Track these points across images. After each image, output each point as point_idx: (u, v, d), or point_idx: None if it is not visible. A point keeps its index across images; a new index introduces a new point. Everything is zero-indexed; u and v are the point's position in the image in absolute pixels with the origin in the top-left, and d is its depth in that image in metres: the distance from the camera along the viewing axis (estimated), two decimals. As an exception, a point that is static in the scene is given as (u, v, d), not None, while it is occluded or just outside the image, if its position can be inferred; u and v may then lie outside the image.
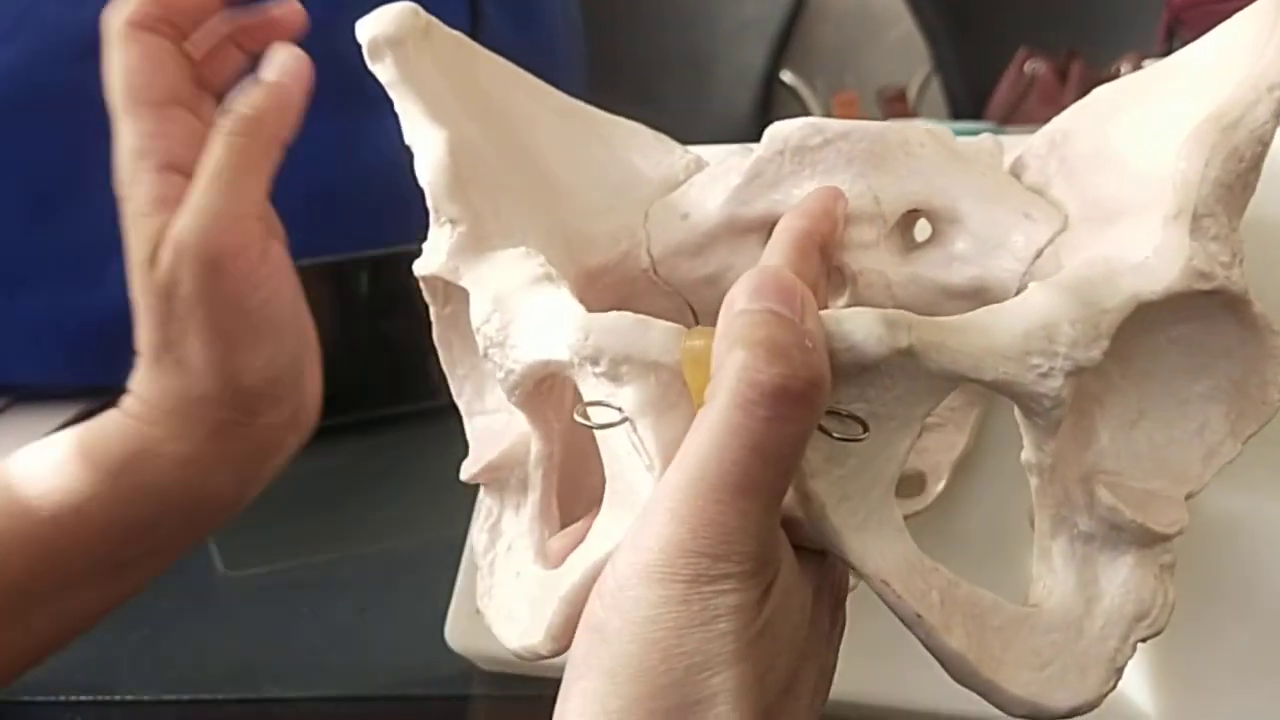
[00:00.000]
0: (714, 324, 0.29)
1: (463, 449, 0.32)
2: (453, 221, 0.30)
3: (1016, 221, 0.32)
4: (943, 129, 0.36)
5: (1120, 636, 0.25)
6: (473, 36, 0.35)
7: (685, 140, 0.36)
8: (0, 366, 0.66)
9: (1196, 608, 0.28)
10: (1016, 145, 0.35)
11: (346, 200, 0.68)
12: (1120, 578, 0.25)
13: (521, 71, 0.37)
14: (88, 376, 0.67)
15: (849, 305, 0.34)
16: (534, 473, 0.29)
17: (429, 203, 0.30)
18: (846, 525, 0.23)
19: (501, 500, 0.30)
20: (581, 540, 0.27)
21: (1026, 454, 0.25)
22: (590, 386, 0.25)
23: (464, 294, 0.30)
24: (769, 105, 1.66)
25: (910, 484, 0.35)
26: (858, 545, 0.23)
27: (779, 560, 0.22)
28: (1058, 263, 0.31)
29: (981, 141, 0.35)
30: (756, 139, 0.34)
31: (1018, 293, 0.32)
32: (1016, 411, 0.25)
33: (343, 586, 0.50)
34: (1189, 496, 0.26)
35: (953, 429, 0.36)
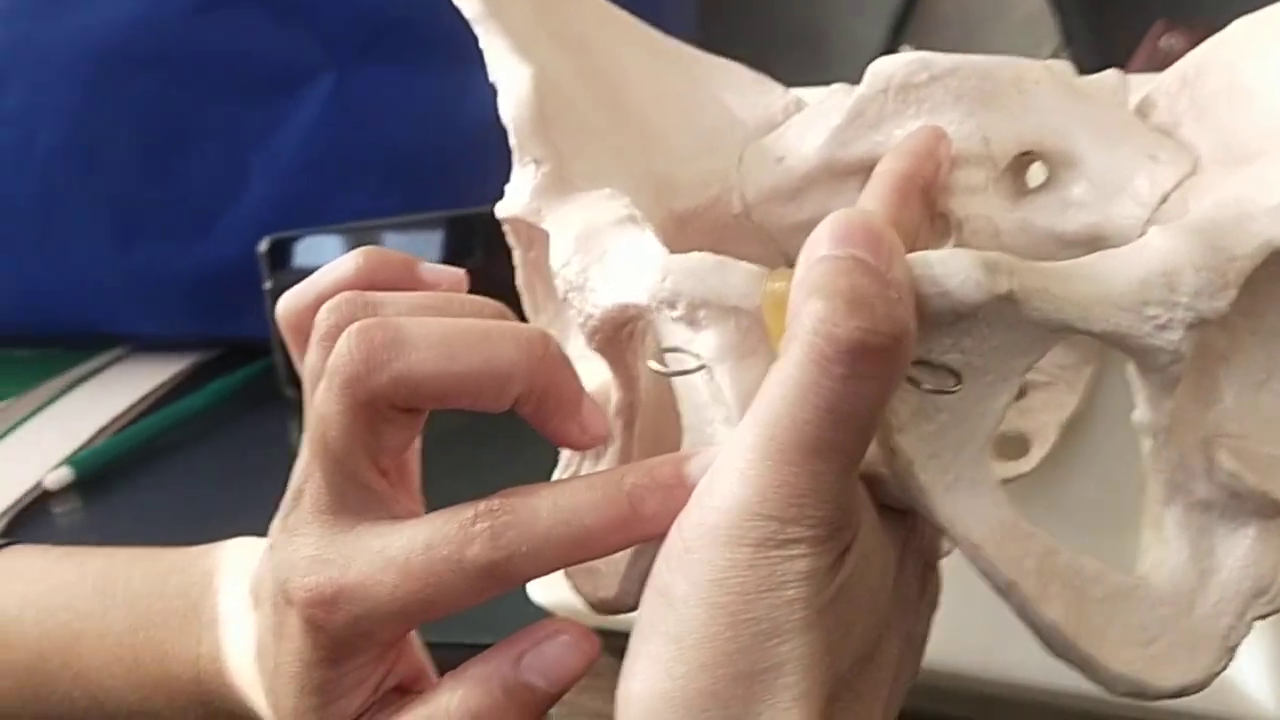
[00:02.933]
0: None
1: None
2: (536, 161, 0.29)
3: (1140, 164, 0.30)
4: (1062, 64, 0.34)
5: (1235, 613, 0.23)
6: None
7: None
8: (117, 316, 0.68)
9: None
10: (1145, 83, 0.33)
11: (444, 160, 0.67)
12: (1240, 551, 0.23)
13: (615, 8, 0.36)
14: (201, 327, 0.68)
15: (953, 254, 0.32)
16: (614, 422, 0.28)
17: (512, 141, 0.29)
18: (935, 484, 0.22)
19: (582, 450, 0.29)
20: None
21: (1139, 413, 0.23)
22: (669, 332, 0.24)
23: (547, 238, 0.29)
24: None
25: (1013, 446, 0.33)
26: (947, 506, 0.22)
27: (856, 524, 0.20)
28: (1185, 208, 0.29)
29: (1105, 78, 0.32)
30: None
31: (1139, 241, 0.30)
32: (1130, 367, 0.23)
33: None
34: (1322, 464, 0.24)
35: (1063, 388, 0.34)
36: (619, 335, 0.27)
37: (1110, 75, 0.32)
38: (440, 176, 0.68)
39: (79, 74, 0.64)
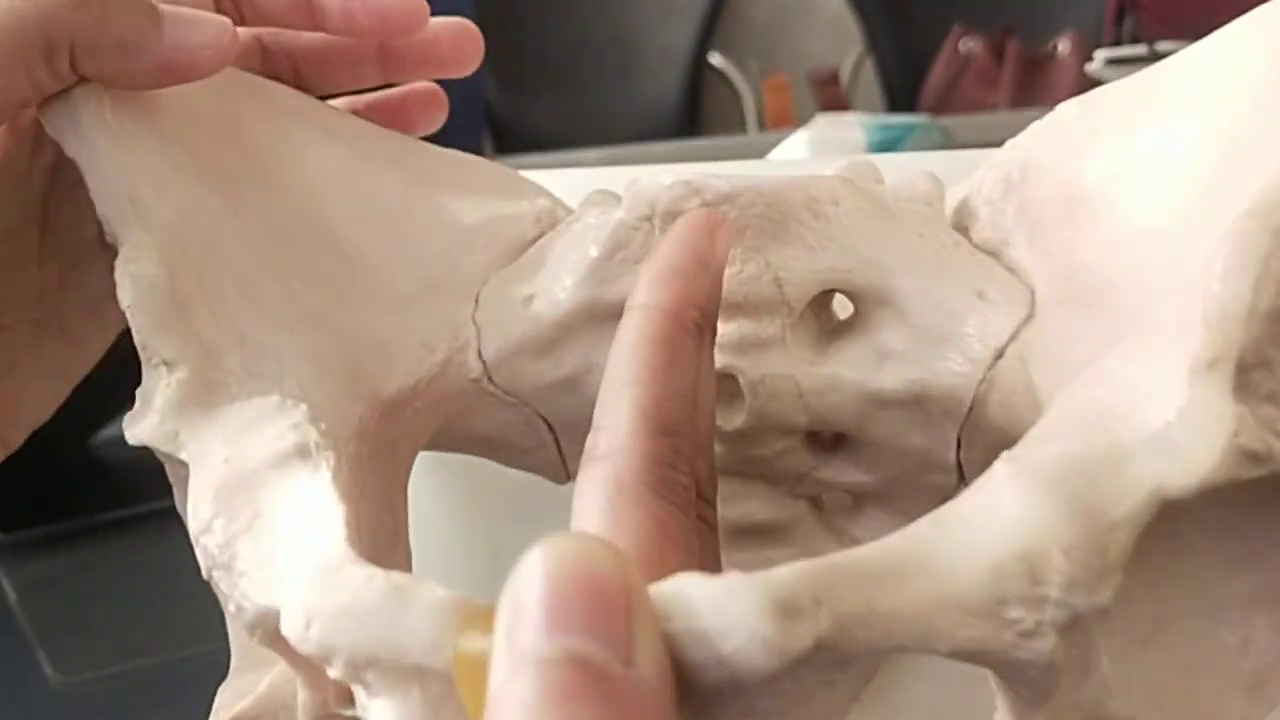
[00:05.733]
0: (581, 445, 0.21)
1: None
2: (168, 364, 0.21)
3: (967, 304, 0.24)
4: (865, 165, 0.28)
5: None
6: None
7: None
8: None
9: None
10: (965, 172, 0.27)
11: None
12: None
13: (305, 98, 0.28)
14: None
15: (747, 425, 0.25)
16: (304, 722, 0.20)
17: (135, 335, 0.21)
18: None
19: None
20: None
21: None
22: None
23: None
24: (697, 90, 1.59)
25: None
26: None
27: None
28: (1024, 373, 0.23)
29: (915, 185, 0.26)
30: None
31: (972, 409, 0.24)
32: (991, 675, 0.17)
33: (178, 691, 0.43)
34: (1233, 752, 0.18)
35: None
36: (290, 628, 0.19)
37: (922, 183, 0.26)
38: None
39: None
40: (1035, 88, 1.19)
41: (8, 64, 0.20)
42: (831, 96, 1.41)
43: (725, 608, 0.14)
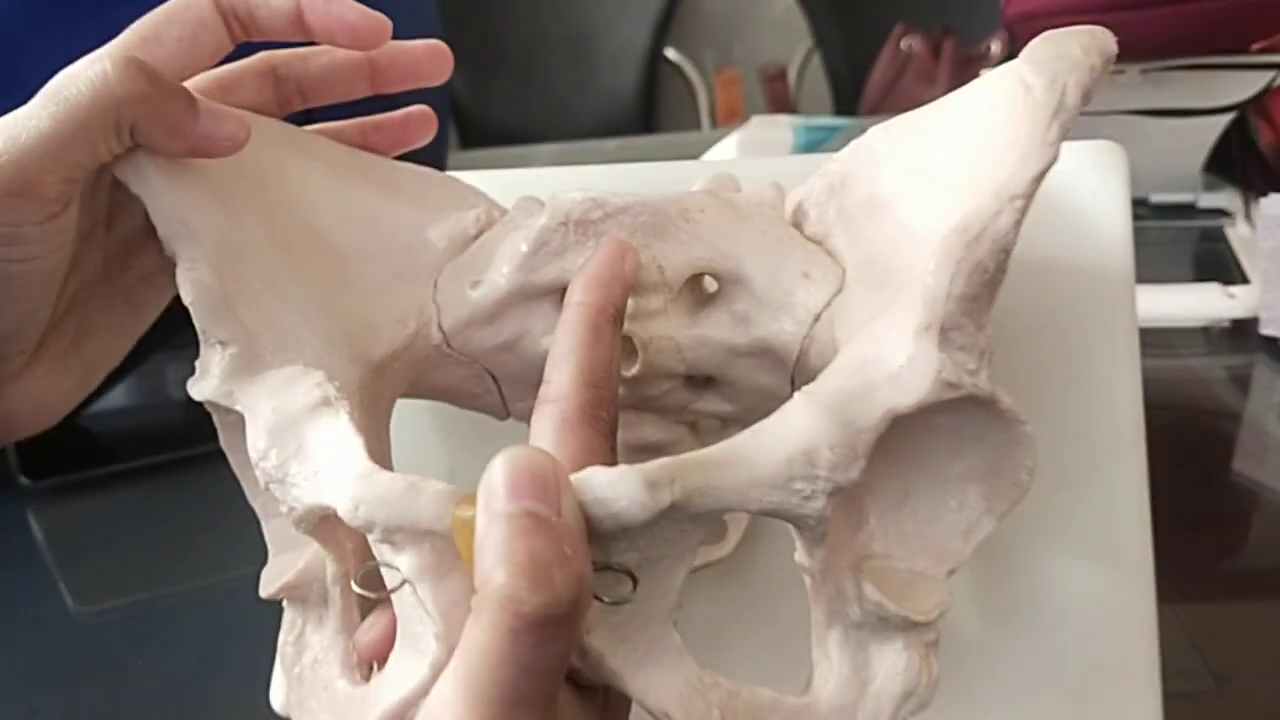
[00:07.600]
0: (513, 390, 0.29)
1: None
2: (222, 343, 0.29)
3: (796, 282, 0.33)
4: (726, 178, 0.37)
5: (890, 714, 0.27)
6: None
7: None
8: None
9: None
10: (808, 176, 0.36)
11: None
12: (890, 659, 0.27)
13: (291, 129, 0.36)
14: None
15: (640, 372, 0.34)
16: (332, 589, 0.29)
17: (196, 323, 0.29)
18: (626, 665, 0.24)
19: (304, 613, 0.30)
20: (387, 632, 0.27)
21: (799, 557, 0.27)
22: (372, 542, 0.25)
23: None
24: (654, 84, 1.64)
25: (712, 533, 0.36)
26: (639, 682, 0.24)
27: None
28: (831, 331, 0.32)
29: (763, 194, 0.35)
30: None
31: (799, 357, 0.33)
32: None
33: (182, 616, 0.50)
34: (950, 573, 0.28)
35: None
36: (327, 520, 0.28)
37: (767, 190, 0.35)
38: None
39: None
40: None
41: (89, 136, 0.28)
42: (779, 93, 1.47)
43: (615, 484, 0.23)
